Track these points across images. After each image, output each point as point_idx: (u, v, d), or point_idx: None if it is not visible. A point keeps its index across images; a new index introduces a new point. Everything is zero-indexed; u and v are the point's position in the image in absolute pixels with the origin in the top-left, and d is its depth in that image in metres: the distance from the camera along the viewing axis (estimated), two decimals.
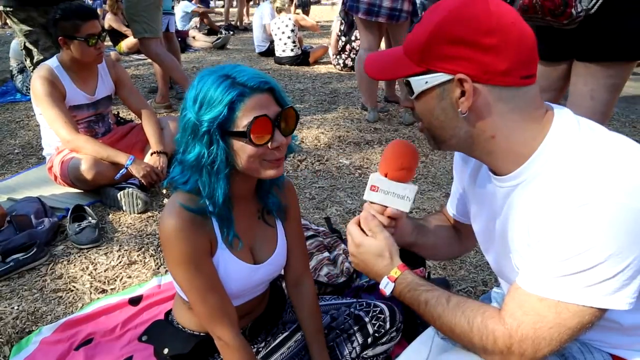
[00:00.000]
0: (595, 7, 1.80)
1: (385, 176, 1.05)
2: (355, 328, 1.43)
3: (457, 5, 0.86)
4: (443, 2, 0.89)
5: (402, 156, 1.06)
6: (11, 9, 3.09)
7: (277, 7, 6.42)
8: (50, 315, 1.87)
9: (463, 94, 0.86)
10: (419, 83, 0.90)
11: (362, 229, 1.08)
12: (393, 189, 1.05)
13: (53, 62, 2.66)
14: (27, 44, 3.19)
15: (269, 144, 1.06)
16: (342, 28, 5.89)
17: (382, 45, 4.44)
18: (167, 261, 1.16)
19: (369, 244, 1.05)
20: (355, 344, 1.42)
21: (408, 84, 0.93)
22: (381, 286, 1.04)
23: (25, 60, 3.32)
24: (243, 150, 1.06)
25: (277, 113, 1.07)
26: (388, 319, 1.46)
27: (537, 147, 0.88)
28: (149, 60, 6.71)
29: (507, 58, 0.83)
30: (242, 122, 1.03)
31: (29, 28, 3.12)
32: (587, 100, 2.02)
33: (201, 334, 1.32)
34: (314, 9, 12.07)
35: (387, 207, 1.06)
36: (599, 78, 1.97)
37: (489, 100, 0.86)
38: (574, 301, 0.81)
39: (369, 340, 1.42)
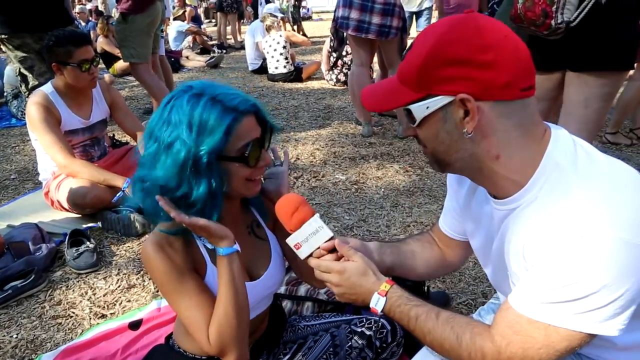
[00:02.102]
0: (578, 19, 1.82)
1: (292, 231, 1.09)
2: (365, 342, 1.43)
3: (447, 26, 0.86)
4: (433, 26, 0.90)
5: (283, 209, 1.08)
6: (6, 36, 3.12)
7: (266, 25, 6.48)
8: (49, 342, 1.86)
9: (467, 113, 0.86)
10: (420, 109, 0.90)
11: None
12: (304, 233, 1.07)
13: (47, 87, 2.68)
14: (22, 70, 3.22)
15: (259, 164, 1.11)
16: (332, 44, 5.94)
17: (376, 60, 4.50)
18: (155, 284, 1.18)
19: (351, 267, 1.04)
20: (368, 359, 1.42)
21: (409, 112, 0.92)
22: (372, 304, 1.02)
23: (21, 86, 3.35)
24: (236, 173, 1.08)
25: (261, 133, 1.12)
26: (389, 333, 1.46)
27: (535, 169, 0.89)
28: None
29: (506, 71, 0.83)
30: (237, 146, 1.06)
31: (23, 54, 3.15)
32: (581, 108, 2.04)
33: (202, 358, 1.31)
34: (305, 24, 12.20)
35: (319, 247, 1.08)
36: (592, 87, 1.99)
37: (492, 117, 0.86)
38: (564, 326, 0.82)
39: (377, 352, 1.43)
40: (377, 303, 1.01)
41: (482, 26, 0.84)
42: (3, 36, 3.13)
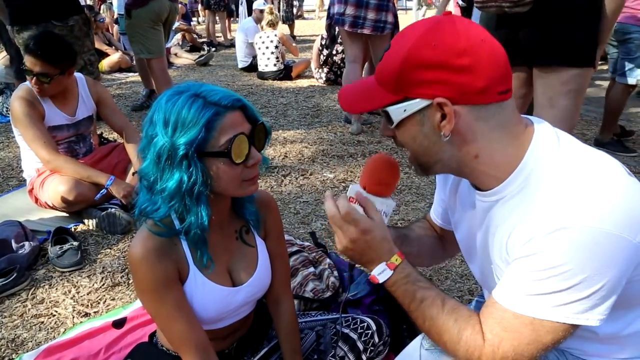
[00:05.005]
0: None
1: (364, 189, 1.04)
2: (346, 349, 1.41)
3: (425, 30, 0.85)
4: (410, 28, 0.89)
5: (381, 171, 1.04)
6: (18, 28, 3.13)
7: (269, 20, 6.42)
8: (31, 341, 1.83)
9: (444, 117, 0.86)
10: (398, 112, 0.89)
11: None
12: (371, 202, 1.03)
13: None
14: None
15: (247, 162, 1.06)
16: (323, 42, 5.93)
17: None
18: (135, 288, 1.15)
19: (378, 228, 0.97)
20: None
21: (386, 114, 0.91)
22: (375, 272, 0.97)
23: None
24: (222, 171, 1.04)
25: (250, 130, 1.07)
26: (375, 333, 1.45)
27: (517, 164, 0.89)
28: (131, 79, 6.72)
29: (483, 76, 0.83)
30: (220, 141, 1.02)
31: None
32: (547, 108, 2.05)
33: None
34: (296, 23, 12.18)
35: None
36: (555, 85, 2.00)
37: (469, 121, 0.86)
38: (548, 318, 0.82)
39: (363, 357, 1.41)
40: (381, 273, 0.96)
41: (459, 30, 0.84)
42: (16, 28, 3.14)
